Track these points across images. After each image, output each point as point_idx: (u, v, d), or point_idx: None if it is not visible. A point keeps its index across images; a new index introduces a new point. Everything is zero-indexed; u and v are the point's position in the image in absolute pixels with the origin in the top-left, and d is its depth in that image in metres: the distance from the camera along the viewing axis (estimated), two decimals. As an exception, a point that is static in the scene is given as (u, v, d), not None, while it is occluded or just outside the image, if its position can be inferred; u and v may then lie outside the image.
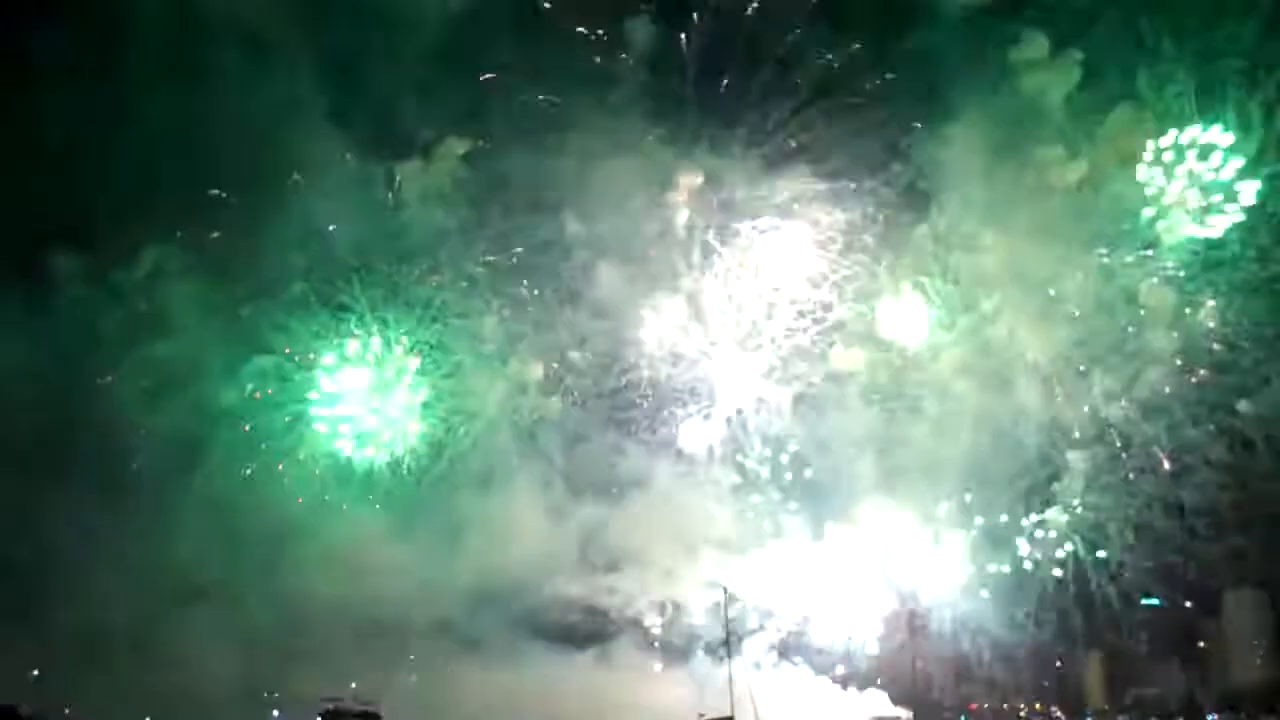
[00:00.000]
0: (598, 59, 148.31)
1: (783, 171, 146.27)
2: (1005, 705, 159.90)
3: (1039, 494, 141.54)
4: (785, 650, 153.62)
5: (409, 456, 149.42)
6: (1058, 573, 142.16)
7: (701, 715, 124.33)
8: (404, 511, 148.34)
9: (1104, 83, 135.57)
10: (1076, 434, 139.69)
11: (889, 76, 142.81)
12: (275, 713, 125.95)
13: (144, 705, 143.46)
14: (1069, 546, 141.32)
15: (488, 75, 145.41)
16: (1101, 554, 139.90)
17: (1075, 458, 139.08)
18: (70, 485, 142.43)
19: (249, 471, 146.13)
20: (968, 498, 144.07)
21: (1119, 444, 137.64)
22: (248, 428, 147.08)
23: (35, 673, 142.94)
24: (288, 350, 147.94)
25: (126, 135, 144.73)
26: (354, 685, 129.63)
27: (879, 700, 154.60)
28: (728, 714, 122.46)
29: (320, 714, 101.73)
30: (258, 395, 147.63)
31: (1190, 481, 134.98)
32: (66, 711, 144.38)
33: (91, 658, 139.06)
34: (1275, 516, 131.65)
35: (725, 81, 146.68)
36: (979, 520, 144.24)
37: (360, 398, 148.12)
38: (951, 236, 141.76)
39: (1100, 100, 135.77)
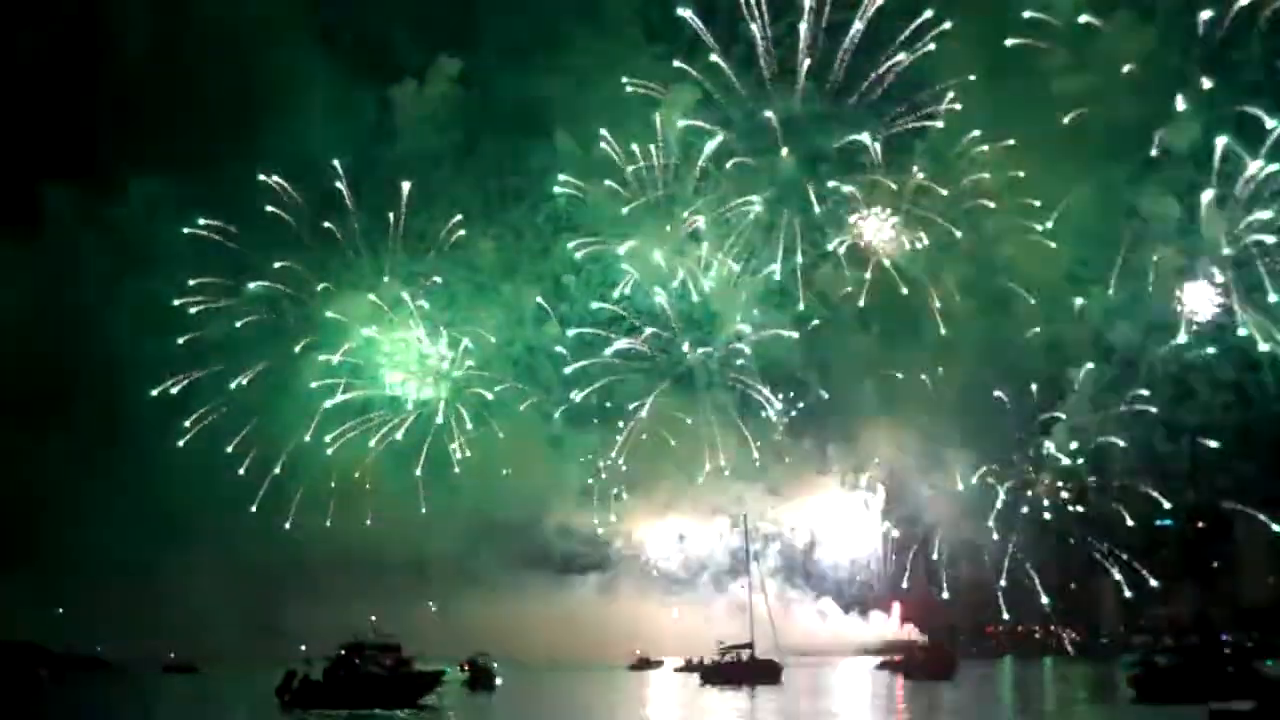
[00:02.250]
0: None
1: (781, 90, 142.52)
2: (1020, 628, 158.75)
3: (1043, 416, 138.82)
4: (791, 574, 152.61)
5: (406, 389, 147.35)
6: (1065, 495, 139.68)
7: (721, 643, 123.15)
8: (403, 445, 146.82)
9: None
10: (1079, 355, 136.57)
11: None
12: (302, 647, 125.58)
13: (164, 642, 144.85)
14: (1074, 469, 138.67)
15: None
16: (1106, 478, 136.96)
17: (1078, 379, 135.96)
18: (65, 421, 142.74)
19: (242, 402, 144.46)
20: (971, 420, 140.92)
21: (1122, 365, 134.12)
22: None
23: (60, 610, 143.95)
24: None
25: (112, 65, 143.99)
26: (373, 619, 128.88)
27: (893, 625, 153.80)
28: (747, 641, 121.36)
29: (341, 647, 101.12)
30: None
31: (1195, 403, 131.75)
32: (99, 649, 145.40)
33: (104, 596, 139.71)
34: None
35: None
36: (983, 442, 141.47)
37: (356, 330, 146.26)
38: (951, 154, 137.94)
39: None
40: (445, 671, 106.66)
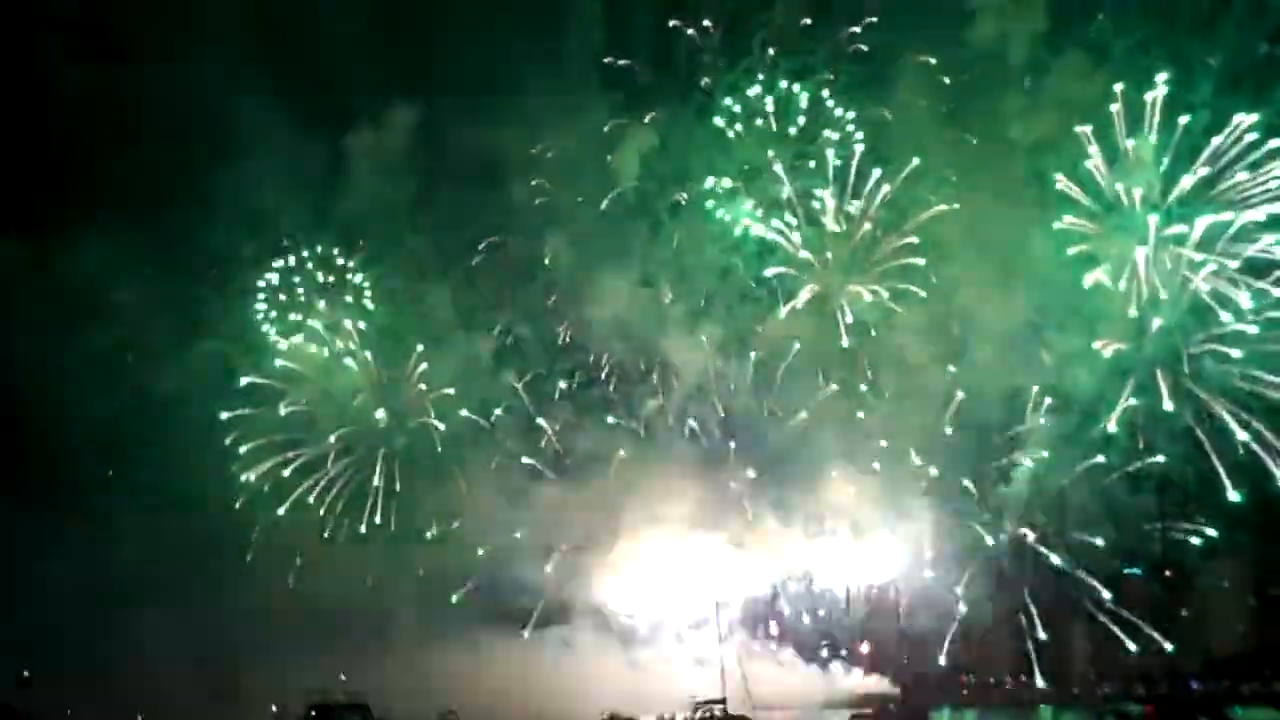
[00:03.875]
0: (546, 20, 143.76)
1: (738, 137, 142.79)
2: (991, 679, 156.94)
3: (1001, 465, 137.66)
4: (754, 626, 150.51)
5: (359, 444, 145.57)
6: (1027, 544, 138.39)
7: (694, 697, 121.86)
8: (354, 499, 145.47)
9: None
10: (1039, 403, 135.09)
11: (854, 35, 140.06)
12: (274, 708, 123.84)
13: (131, 704, 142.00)
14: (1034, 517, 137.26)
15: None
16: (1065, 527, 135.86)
17: (1037, 427, 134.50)
18: (14, 481, 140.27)
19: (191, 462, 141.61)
20: (932, 470, 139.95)
21: (1080, 413, 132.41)
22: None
23: (26, 673, 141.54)
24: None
25: (57, 116, 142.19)
26: (342, 677, 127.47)
27: (866, 678, 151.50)
28: (721, 697, 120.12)
29: (310, 707, 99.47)
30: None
31: (1154, 452, 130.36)
32: (69, 712, 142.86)
33: (71, 658, 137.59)
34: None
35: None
36: (943, 492, 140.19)
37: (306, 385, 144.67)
38: (905, 201, 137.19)
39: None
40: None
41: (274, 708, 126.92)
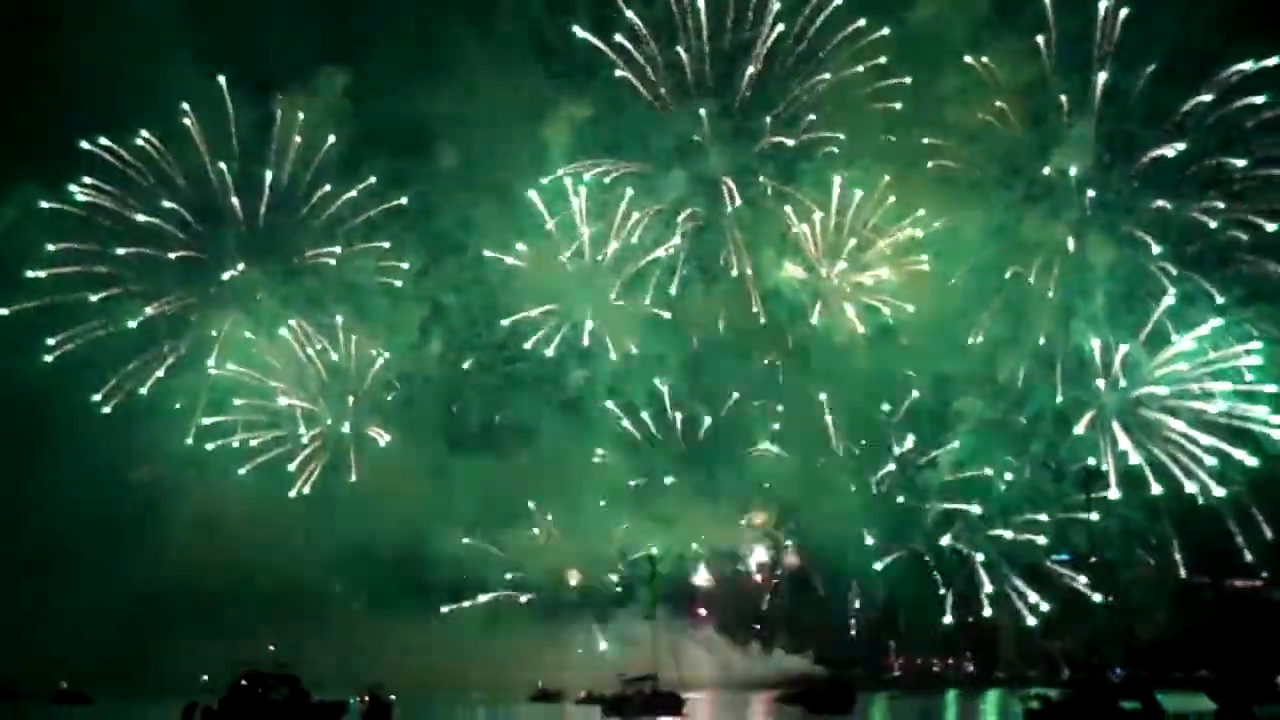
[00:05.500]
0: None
1: (674, 113, 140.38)
2: (920, 660, 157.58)
3: (927, 449, 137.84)
4: (682, 605, 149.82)
5: (284, 413, 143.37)
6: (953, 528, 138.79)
7: (623, 674, 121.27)
8: (280, 471, 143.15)
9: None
10: (967, 388, 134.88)
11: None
12: (204, 677, 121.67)
13: (54, 671, 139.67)
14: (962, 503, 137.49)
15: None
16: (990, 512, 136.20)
17: (965, 411, 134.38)
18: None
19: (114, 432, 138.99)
20: (859, 450, 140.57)
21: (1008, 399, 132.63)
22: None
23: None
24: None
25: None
26: (271, 648, 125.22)
27: (793, 657, 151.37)
28: (651, 673, 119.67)
29: (241, 676, 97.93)
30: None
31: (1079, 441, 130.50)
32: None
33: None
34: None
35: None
36: (869, 474, 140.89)
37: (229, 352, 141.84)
38: (842, 182, 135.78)
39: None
40: (349, 702, 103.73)
41: (205, 677, 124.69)
